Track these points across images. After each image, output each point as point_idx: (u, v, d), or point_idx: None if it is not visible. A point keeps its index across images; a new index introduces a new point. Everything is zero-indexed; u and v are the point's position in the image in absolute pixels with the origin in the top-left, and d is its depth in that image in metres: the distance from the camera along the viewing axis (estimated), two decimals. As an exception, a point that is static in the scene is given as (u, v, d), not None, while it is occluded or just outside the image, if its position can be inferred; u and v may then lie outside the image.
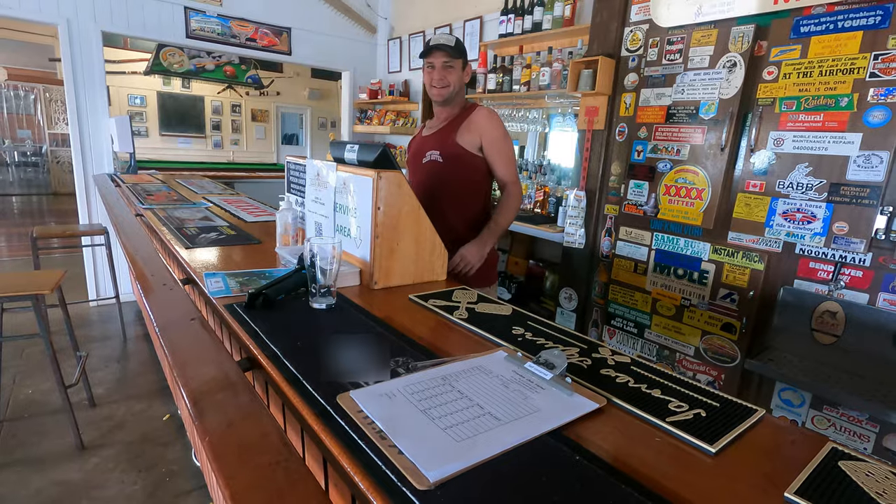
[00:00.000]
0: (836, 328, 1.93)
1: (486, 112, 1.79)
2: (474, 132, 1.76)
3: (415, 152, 1.91)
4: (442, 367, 0.84)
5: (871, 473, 0.62)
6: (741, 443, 0.69)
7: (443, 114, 1.86)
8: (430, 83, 1.78)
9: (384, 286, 1.29)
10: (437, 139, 1.82)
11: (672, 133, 2.37)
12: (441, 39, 1.74)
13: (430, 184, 1.81)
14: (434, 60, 1.74)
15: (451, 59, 1.73)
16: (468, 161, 1.77)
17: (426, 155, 1.82)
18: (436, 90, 1.77)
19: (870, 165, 1.79)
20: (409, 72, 4.84)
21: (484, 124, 1.75)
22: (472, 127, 1.76)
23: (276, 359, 0.84)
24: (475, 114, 1.77)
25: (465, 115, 1.79)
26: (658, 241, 2.49)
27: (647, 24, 2.46)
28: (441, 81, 1.75)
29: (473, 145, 1.77)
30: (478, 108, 1.79)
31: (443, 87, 1.75)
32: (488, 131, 1.75)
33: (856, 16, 1.80)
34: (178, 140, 9.10)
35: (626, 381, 0.84)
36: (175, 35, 4.10)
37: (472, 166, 1.78)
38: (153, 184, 3.28)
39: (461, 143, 1.76)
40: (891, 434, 1.81)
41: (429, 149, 1.82)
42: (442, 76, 1.74)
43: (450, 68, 1.74)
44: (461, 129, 1.77)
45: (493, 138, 1.76)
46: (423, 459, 0.58)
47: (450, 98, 1.79)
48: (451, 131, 1.79)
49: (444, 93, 1.76)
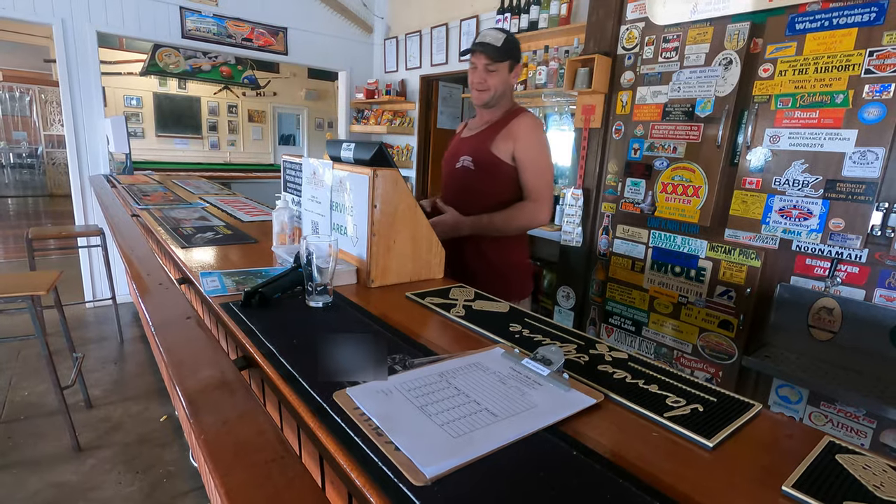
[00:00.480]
0: (832, 324, 1.93)
1: (529, 120, 1.63)
2: (510, 140, 1.61)
3: (450, 154, 1.80)
4: (439, 364, 0.83)
5: (868, 467, 0.62)
6: (738, 437, 0.69)
7: (484, 116, 1.72)
8: (471, 84, 1.64)
9: (381, 284, 1.29)
10: (473, 144, 1.69)
11: (668, 131, 2.38)
12: (487, 38, 1.58)
13: (458, 189, 1.71)
14: (475, 61, 1.60)
15: (494, 62, 1.58)
16: (500, 171, 1.63)
17: (459, 159, 1.71)
18: (476, 93, 1.64)
19: (865, 162, 1.79)
20: (405, 71, 4.84)
21: (521, 133, 1.60)
22: (509, 134, 1.61)
23: (272, 357, 0.83)
24: (516, 121, 1.62)
25: (505, 120, 1.64)
26: (655, 239, 2.50)
27: (643, 22, 2.47)
28: (482, 85, 1.61)
29: (508, 154, 1.62)
30: (521, 115, 1.64)
31: (483, 91, 1.62)
32: (524, 140, 1.60)
33: (850, 12, 1.80)
34: (175, 141, 9.07)
35: (623, 376, 0.84)
36: (171, 35, 4.09)
37: (503, 177, 1.64)
38: (149, 184, 3.27)
39: (496, 151, 1.62)
40: (888, 429, 1.82)
41: (463, 153, 1.71)
42: (482, 79, 1.60)
43: (492, 72, 1.59)
44: (499, 136, 1.63)
45: (526, 148, 1.61)
46: (419, 455, 0.58)
47: (491, 103, 1.65)
48: (487, 138, 1.65)
49: (484, 97, 1.63)
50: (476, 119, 1.79)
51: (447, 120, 4.93)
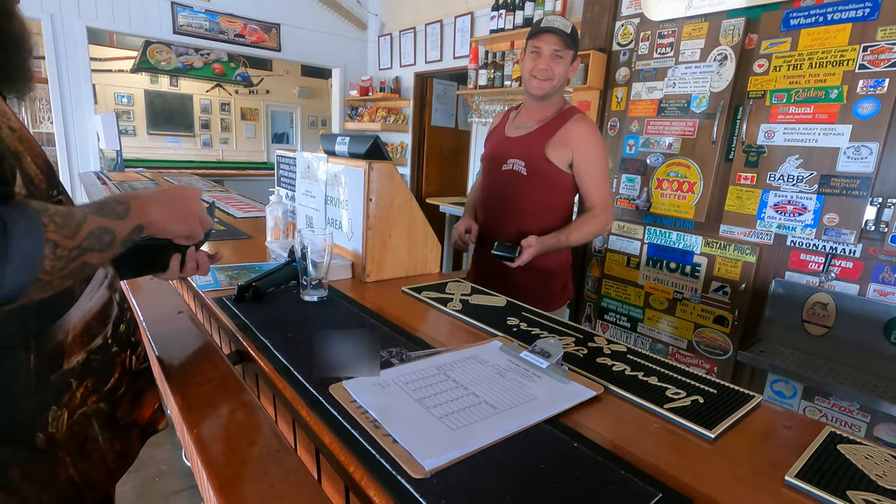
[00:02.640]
0: (827, 319, 1.94)
1: (587, 125, 1.52)
2: (568, 146, 1.49)
3: (494, 152, 1.64)
4: (436, 357, 0.82)
5: (870, 457, 0.62)
6: (739, 428, 0.68)
7: (535, 112, 1.57)
8: (531, 72, 1.48)
9: (377, 279, 1.27)
10: (524, 146, 1.55)
11: (664, 127, 2.38)
12: (555, 22, 1.45)
13: (505, 194, 1.59)
14: (542, 46, 1.45)
15: (563, 48, 1.45)
16: (555, 179, 1.52)
17: (508, 161, 1.57)
18: (536, 81, 1.48)
19: (859, 157, 1.80)
20: (400, 68, 4.81)
21: (581, 139, 1.49)
22: (567, 140, 1.49)
23: (267, 350, 0.82)
24: (572, 124, 1.50)
25: (559, 121, 1.52)
26: (650, 235, 2.50)
27: (638, 17, 2.46)
28: (546, 73, 1.47)
29: (564, 161, 1.50)
30: (576, 117, 1.51)
31: (546, 80, 1.47)
32: (584, 147, 1.49)
33: (845, 8, 1.81)
34: (167, 139, 8.98)
35: (622, 369, 0.83)
36: (162, 31, 4.05)
37: (558, 185, 1.53)
38: (141, 181, 3.23)
39: (551, 157, 1.50)
40: (882, 423, 1.83)
41: (513, 155, 1.57)
42: (548, 66, 1.46)
43: (559, 59, 1.46)
44: (553, 139, 1.50)
45: (587, 156, 1.50)
46: (418, 448, 0.57)
47: (550, 93, 1.51)
48: (541, 140, 1.52)
49: (546, 86, 1.48)
50: (523, 115, 1.63)
51: (442, 117, 4.91)
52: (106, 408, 0.70)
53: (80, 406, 0.65)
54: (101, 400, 0.69)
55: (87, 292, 0.66)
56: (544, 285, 1.60)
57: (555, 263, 1.61)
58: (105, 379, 0.70)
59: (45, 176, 0.59)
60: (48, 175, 0.60)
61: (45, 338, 0.60)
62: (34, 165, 0.58)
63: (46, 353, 0.60)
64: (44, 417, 0.60)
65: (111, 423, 0.71)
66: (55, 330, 0.61)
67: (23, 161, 0.56)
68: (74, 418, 0.65)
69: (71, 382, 0.64)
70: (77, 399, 0.65)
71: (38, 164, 0.59)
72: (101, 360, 0.68)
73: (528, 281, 1.55)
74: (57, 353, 0.61)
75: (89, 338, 0.66)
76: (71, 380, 0.63)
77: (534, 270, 1.53)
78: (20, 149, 0.56)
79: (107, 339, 0.70)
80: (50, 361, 0.61)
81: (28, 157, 0.57)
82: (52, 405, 0.61)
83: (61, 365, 0.62)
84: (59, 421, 0.62)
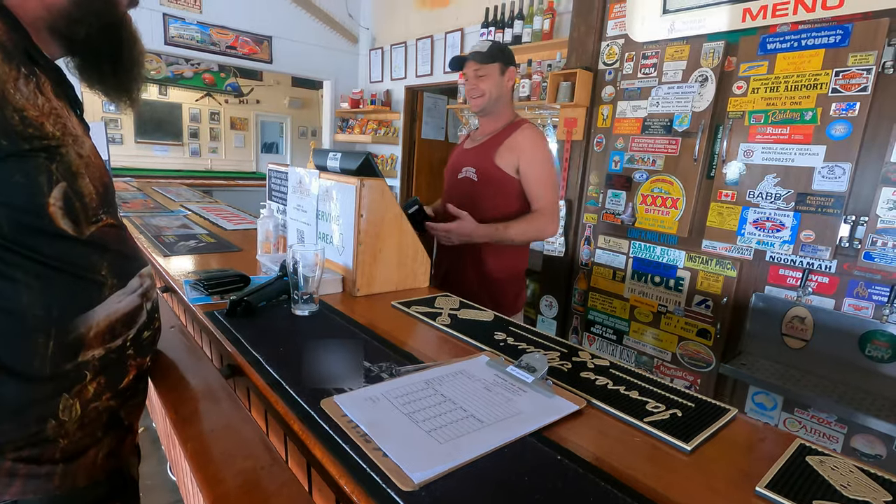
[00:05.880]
0: (805, 333, 2.00)
1: (532, 133, 1.65)
2: (514, 152, 1.62)
3: (452, 165, 1.81)
4: (425, 371, 0.84)
5: (836, 468, 0.65)
6: (715, 440, 0.71)
7: (486, 127, 1.74)
8: (466, 94, 1.70)
9: (367, 293, 1.29)
10: (476, 155, 1.70)
11: (648, 144, 2.44)
12: (474, 48, 1.65)
13: (461, 201, 1.67)
14: (467, 71, 1.65)
15: (481, 66, 1.62)
16: (504, 183, 1.64)
17: (462, 170, 1.72)
18: (472, 101, 1.68)
19: (833, 176, 1.87)
20: (390, 81, 4.87)
21: (525, 145, 1.62)
22: (513, 146, 1.63)
23: (259, 365, 0.83)
24: (519, 133, 1.64)
25: (509, 131, 1.66)
26: (635, 250, 2.55)
27: (622, 38, 2.54)
28: (475, 91, 1.64)
29: (512, 166, 1.63)
30: (523, 127, 1.65)
31: (478, 97, 1.65)
32: (529, 153, 1.61)
33: (818, 34, 1.89)
34: (155, 148, 8.93)
35: (605, 383, 0.86)
36: (153, 42, 4.06)
37: (507, 189, 1.65)
38: (129, 191, 3.22)
39: (499, 163, 1.63)
40: (858, 434, 1.88)
41: (466, 164, 1.72)
42: (474, 86, 1.64)
43: (482, 77, 1.62)
44: (502, 147, 1.64)
45: (532, 161, 1.61)
46: (407, 461, 0.59)
47: (488, 108, 1.67)
48: (490, 148, 1.66)
49: (480, 102, 1.65)
50: (478, 131, 1.80)
51: (431, 130, 4.97)
52: (116, 405, 0.75)
53: (94, 400, 0.71)
54: (113, 398, 0.74)
55: (118, 295, 0.73)
56: (498, 292, 1.70)
57: (508, 273, 1.72)
58: (119, 379, 0.75)
59: (98, 197, 0.70)
60: (103, 197, 0.71)
61: (66, 328, 0.66)
62: (91, 185, 0.69)
63: (66, 342, 0.66)
64: (55, 403, 0.66)
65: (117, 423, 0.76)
66: (78, 322, 0.67)
67: (78, 180, 0.67)
68: (87, 410, 0.70)
69: (85, 374, 0.69)
70: (89, 392, 0.70)
71: (97, 186, 0.70)
72: (116, 359, 0.74)
73: (482, 287, 1.68)
74: (76, 344, 0.67)
75: (111, 337, 0.72)
76: (86, 372, 0.69)
77: (489, 278, 1.68)
78: (81, 171, 0.67)
79: (126, 341, 0.75)
80: (68, 351, 0.67)
81: (87, 178, 0.68)
82: (63, 392, 0.67)
83: (77, 356, 0.68)
84: (71, 410, 0.67)
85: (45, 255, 0.64)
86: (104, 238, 0.71)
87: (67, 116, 0.68)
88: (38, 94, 0.63)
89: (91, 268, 0.69)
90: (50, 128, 0.64)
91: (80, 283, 0.68)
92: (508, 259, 1.71)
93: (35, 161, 0.62)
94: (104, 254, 0.71)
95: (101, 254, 0.71)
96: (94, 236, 0.70)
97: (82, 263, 0.68)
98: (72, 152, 0.66)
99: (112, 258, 0.73)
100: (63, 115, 0.67)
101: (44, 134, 0.63)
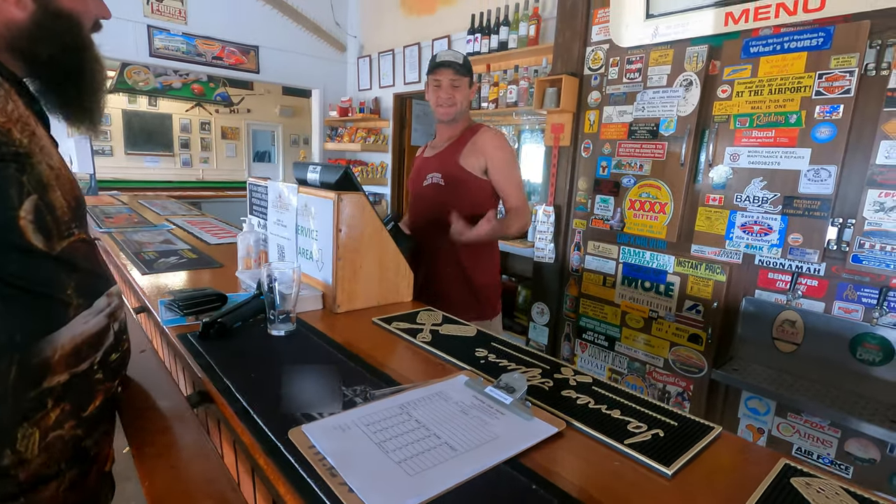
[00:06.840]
0: (795, 336, 1.98)
1: (493, 133, 1.72)
2: (479, 154, 1.68)
3: (415, 174, 1.84)
4: (400, 395, 0.82)
5: (821, 490, 0.63)
6: (697, 462, 0.69)
7: (445, 133, 1.78)
8: (437, 102, 1.71)
9: (348, 309, 1.27)
10: (439, 161, 1.74)
11: (634, 149, 2.43)
12: (448, 56, 1.68)
13: (431, 208, 1.73)
14: (441, 78, 1.68)
15: (458, 77, 1.67)
16: (472, 184, 1.69)
17: (427, 177, 1.75)
18: (442, 109, 1.70)
19: (819, 179, 1.86)
20: (379, 89, 4.86)
21: (490, 147, 1.68)
22: (476, 149, 1.69)
23: (228, 392, 0.81)
24: (480, 135, 1.71)
25: (468, 135, 1.72)
26: (625, 255, 2.54)
27: (607, 43, 2.54)
28: (448, 100, 1.68)
29: (479, 168, 1.69)
30: (483, 129, 1.73)
31: (450, 107, 1.69)
32: (494, 154, 1.68)
33: (800, 37, 1.89)
34: (145, 159, 8.87)
35: (586, 402, 0.84)
36: (138, 54, 4.03)
37: (476, 190, 1.70)
38: (114, 206, 3.18)
39: (464, 165, 1.69)
40: (851, 439, 1.86)
41: (430, 171, 1.75)
42: (450, 95, 1.68)
43: (457, 87, 1.68)
44: (465, 150, 1.70)
45: (499, 162, 1.68)
46: (373, 497, 0.56)
47: (455, 118, 1.73)
48: (453, 153, 1.71)
49: (451, 112, 1.70)
50: (437, 138, 1.85)
51: (421, 137, 4.95)
52: (82, 434, 0.71)
53: (55, 428, 0.67)
54: (78, 426, 0.70)
55: (83, 316, 0.70)
56: (474, 300, 1.76)
57: (483, 283, 1.78)
58: (84, 405, 0.71)
59: (70, 211, 0.68)
60: (75, 211, 0.69)
61: (30, 352, 0.63)
62: (63, 199, 0.66)
63: (30, 367, 0.63)
64: (13, 433, 0.62)
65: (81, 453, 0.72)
66: (43, 346, 0.64)
67: (50, 192, 0.64)
68: (48, 440, 0.66)
69: (47, 402, 0.65)
70: (51, 420, 0.66)
71: (68, 199, 0.68)
72: (82, 385, 0.70)
73: (459, 295, 1.73)
74: (41, 369, 0.64)
75: (76, 360, 0.69)
76: (48, 399, 0.65)
77: (467, 287, 1.75)
78: (52, 183, 0.65)
79: (93, 364, 0.72)
80: (32, 377, 0.63)
81: (58, 190, 0.66)
82: (23, 421, 0.63)
83: (41, 382, 0.64)
84: (30, 440, 0.63)
85: (11, 274, 0.61)
86: (74, 254, 0.69)
87: (35, 126, 0.66)
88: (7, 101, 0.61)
89: (58, 286, 0.67)
90: (17, 134, 0.61)
91: (45, 303, 0.65)
92: (485, 260, 1.79)
93: (5, 171, 0.59)
94: (72, 272, 0.69)
95: (69, 272, 0.68)
96: (65, 252, 0.67)
97: (49, 282, 0.66)
98: (43, 163, 0.64)
99: (80, 277, 0.70)
100: (31, 124, 0.65)
101: (10, 140, 0.60)
